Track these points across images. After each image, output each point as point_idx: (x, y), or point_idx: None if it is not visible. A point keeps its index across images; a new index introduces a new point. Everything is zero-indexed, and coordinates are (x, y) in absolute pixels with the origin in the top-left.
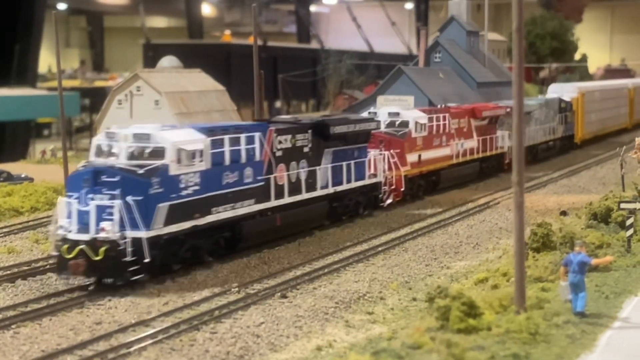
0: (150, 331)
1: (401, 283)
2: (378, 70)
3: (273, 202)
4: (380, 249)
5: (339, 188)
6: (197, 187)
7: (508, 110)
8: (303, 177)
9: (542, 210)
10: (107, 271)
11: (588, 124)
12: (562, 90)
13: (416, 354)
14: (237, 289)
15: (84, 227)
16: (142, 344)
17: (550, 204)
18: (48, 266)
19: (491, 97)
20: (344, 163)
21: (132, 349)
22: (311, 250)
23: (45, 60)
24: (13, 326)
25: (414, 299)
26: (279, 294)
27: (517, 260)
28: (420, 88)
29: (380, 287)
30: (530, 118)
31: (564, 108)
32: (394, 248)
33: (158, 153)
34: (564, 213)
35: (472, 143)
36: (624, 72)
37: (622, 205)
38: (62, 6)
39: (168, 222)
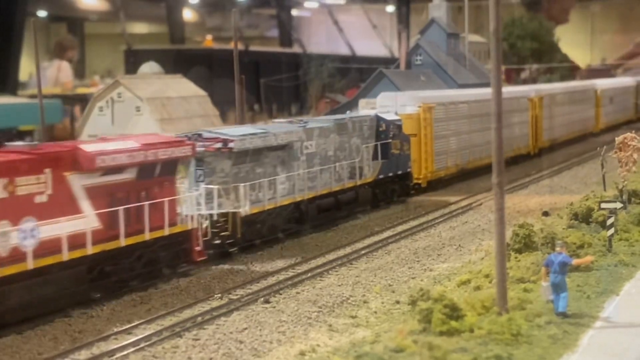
0: (133, 339)
1: (384, 286)
2: (360, 74)
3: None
4: (363, 252)
5: None
6: None
7: (208, 147)
8: None
9: (524, 210)
10: None
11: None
12: (396, 104)
13: (399, 357)
14: (219, 295)
15: None
16: (124, 352)
17: (532, 205)
18: None
19: None
20: None
21: (113, 358)
22: (294, 254)
23: (27, 68)
24: None
25: (397, 302)
26: (262, 299)
27: (498, 261)
28: (402, 91)
29: (363, 290)
30: (291, 154)
31: (385, 133)
32: (376, 251)
33: None
34: (545, 213)
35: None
36: (604, 72)
37: (603, 205)
38: (42, 13)
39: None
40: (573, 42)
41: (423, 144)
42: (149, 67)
